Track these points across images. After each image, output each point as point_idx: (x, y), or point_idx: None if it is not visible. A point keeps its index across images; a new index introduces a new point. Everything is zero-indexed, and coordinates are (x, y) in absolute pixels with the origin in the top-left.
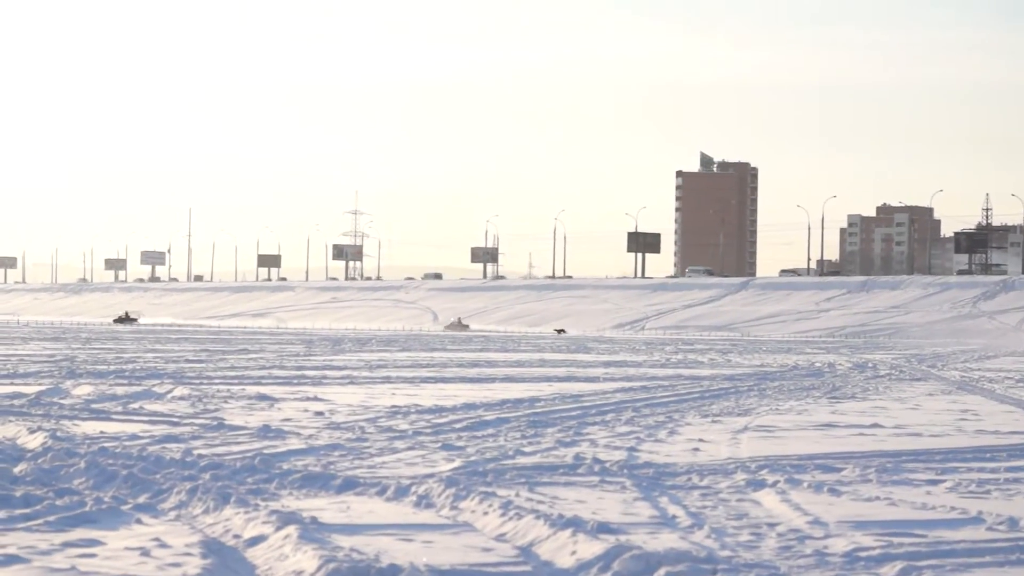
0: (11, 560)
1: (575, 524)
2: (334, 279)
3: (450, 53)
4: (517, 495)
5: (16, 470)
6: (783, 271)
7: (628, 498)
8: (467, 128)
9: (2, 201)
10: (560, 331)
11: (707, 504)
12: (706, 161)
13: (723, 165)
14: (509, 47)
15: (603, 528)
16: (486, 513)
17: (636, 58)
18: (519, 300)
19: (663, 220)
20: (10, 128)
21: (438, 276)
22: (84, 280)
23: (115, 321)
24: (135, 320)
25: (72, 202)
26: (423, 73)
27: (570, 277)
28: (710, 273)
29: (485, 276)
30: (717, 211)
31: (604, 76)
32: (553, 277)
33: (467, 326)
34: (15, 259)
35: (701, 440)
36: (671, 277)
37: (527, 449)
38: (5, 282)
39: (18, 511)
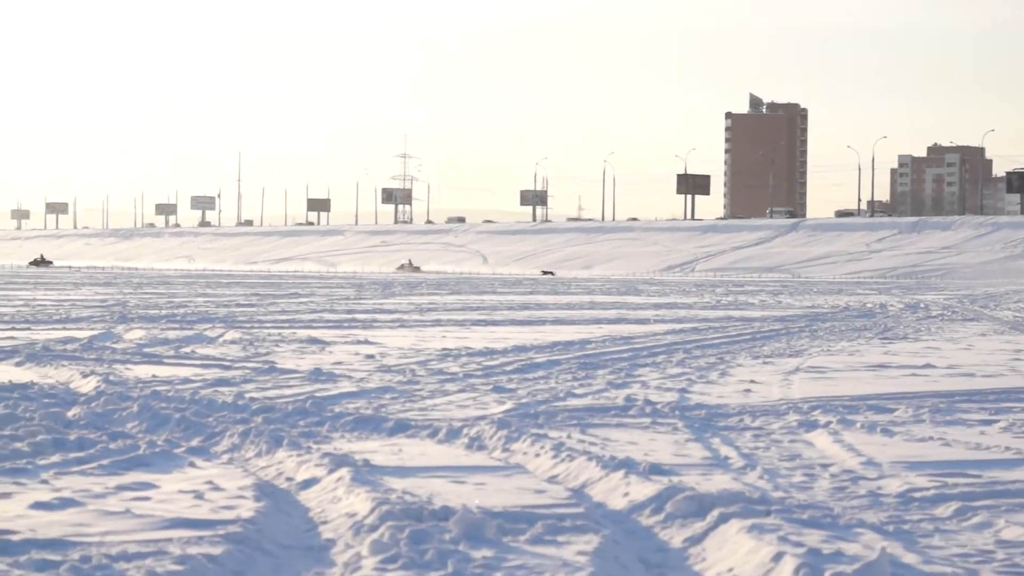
0: (66, 503)
1: (627, 466)
2: (385, 224)
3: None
4: (569, 437)
5: (70, 414)
6: (839, 212)
7: (680, 439)
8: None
9: (55, 148)
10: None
11: (759, 445)
12: (755, 102)
13: (772, 106)
14: None
15: (655, 469)
16: (538, 455)
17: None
18: (568, 243)
19: (712, 162)
20: (63, 76)
21: (461, 220)
22: (152, 225)
23: (30, 264)
24: (50, 263)
25: (123, 148)
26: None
27: (636, 219)
28: (791, 214)
29: (534, 219)
30: (766, 152)
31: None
32: (602, 220)
33: (418, 268)
34: (67, 205)
35: (753, 381)
36: (721, 219)
37: (578, 391)
38: (57, 227)
39: (72, 455)
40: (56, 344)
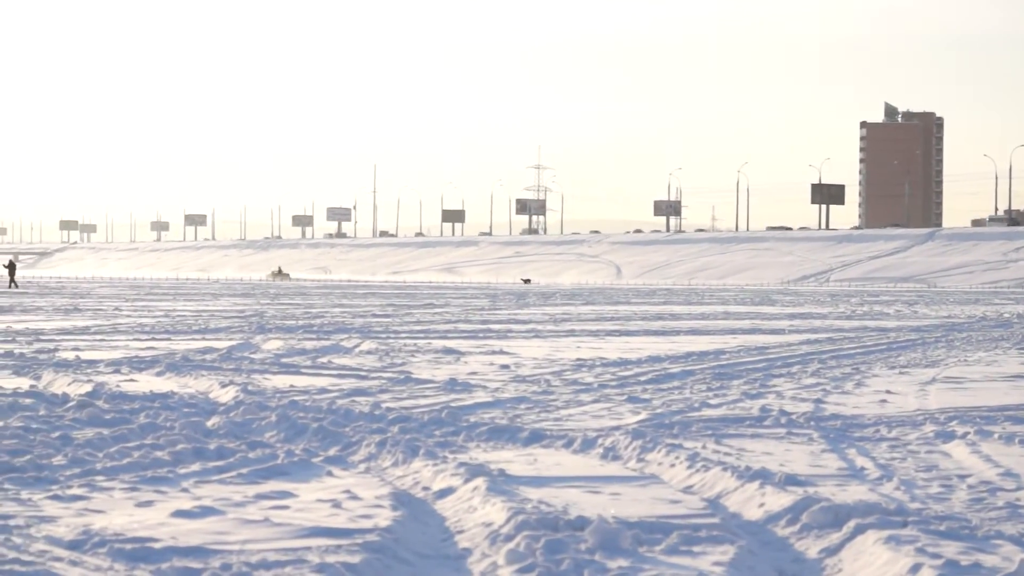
0: (206, 512)
1: (763, 476)
2: (518, 233)
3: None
4: (704, 447)
5: (209, 423)
6: (975, 221)
7: (816, 450)
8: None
9: (193, 159)
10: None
11: (896, 456)
12: (890, 111)
13: (907, 115)
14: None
15: (791, 480)
16: (673, 465)
17: (820, 10)
18: (702, 253)
19: (847, 171)
20: (203, 92)
21: (595, 232)
22: (277, 237)
23: (272, 276)
24: (287, 276)
25: (260, 160)
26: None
27: (771, 229)
28: (1014, 222)
29: (668, 229)
30: (902, 162)
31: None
32: (736, 230)
33: (287, 275)
34: (205, 216)
35: (888, 392)
36: (856, 228)
37: (713, 401)
38: (196, 239)
39: (212, 463)
40: (195, 354)
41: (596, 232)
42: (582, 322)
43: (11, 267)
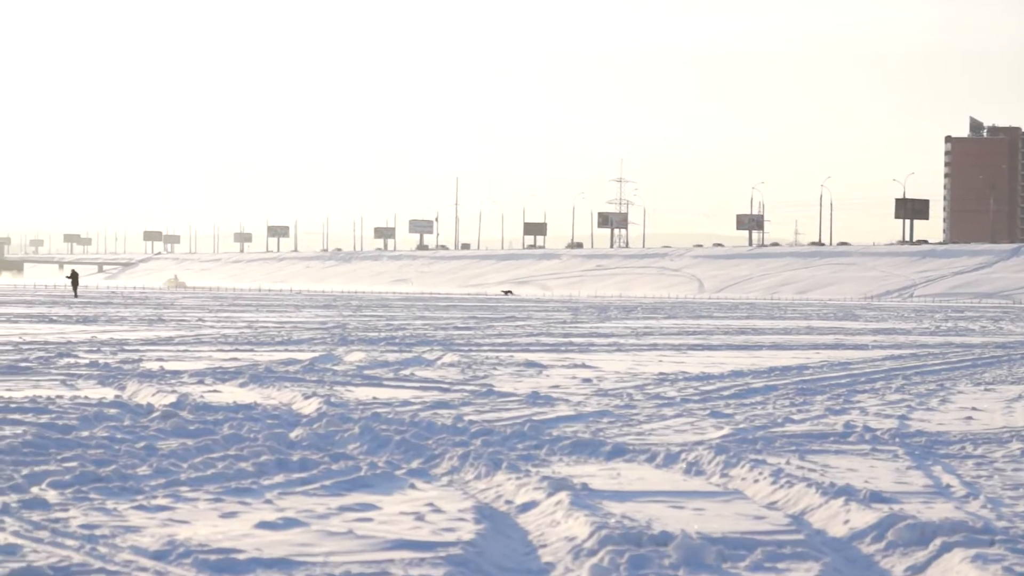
0: (290, 523)
1: (847, 492)
2: (580, 245)
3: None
4: (787, 463)
5: (292, 435)
6: None
7: (900, 467)
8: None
9: (277, 171)
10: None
11: (982, 473)
12: (975, 126)
13: (993, 130)
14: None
15: (876, 497)
16: (756, 481)
17: (904, 24)
18: (785, 267)
19: (931, 186)
20: (285, 103)
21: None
22: (339, 249)
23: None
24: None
25: (343, 172)
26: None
27: (847, 243)
28: None
29: (751, 243)
30: (987, 177)
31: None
32: (819, 244)
33: (183, 283)
34: (287, 228)
35: (974, 408)
36: (940, 243)
37: (796, 417)
38: (278, 250)
39: (295, 475)
40: (278, 366)
41: (667, 247)
42: (664, 336)
43: (74, 278)
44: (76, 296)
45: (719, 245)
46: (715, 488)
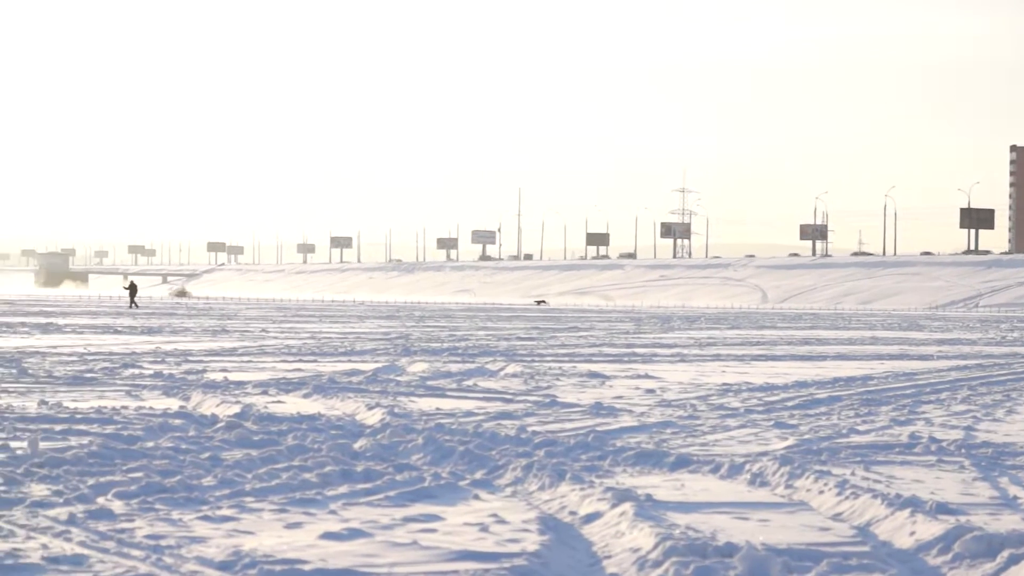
0: (355, 534)
1: (913, 504)
2: (649, 257)
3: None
4: (853, 474)
5: (356, 445)
6: None
7: (967, 478)
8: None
9: (340, 182)
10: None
11: None
12: None
13: None
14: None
15: (942, 508)
16: (821, 492)
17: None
18: (848, 277)
19: (996, 195)
20: (348, 115)
21: (751, 256)
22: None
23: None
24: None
25: (406, 183)
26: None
27: (926, 253)
28: None
29: (814, 253)
30: None
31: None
32: (884, 254)
33: (189, 293)
34: (350, 239)
35: None
36: (1005, 253)
37: (861, 427)
38: (341, 261)
39: (360, 486)
40: (342, 376)
41: (751, 256)
42: (728, 346)
43: (132, 289)
44: (134, 307)
45: (795, 255)
46: (780, 499)
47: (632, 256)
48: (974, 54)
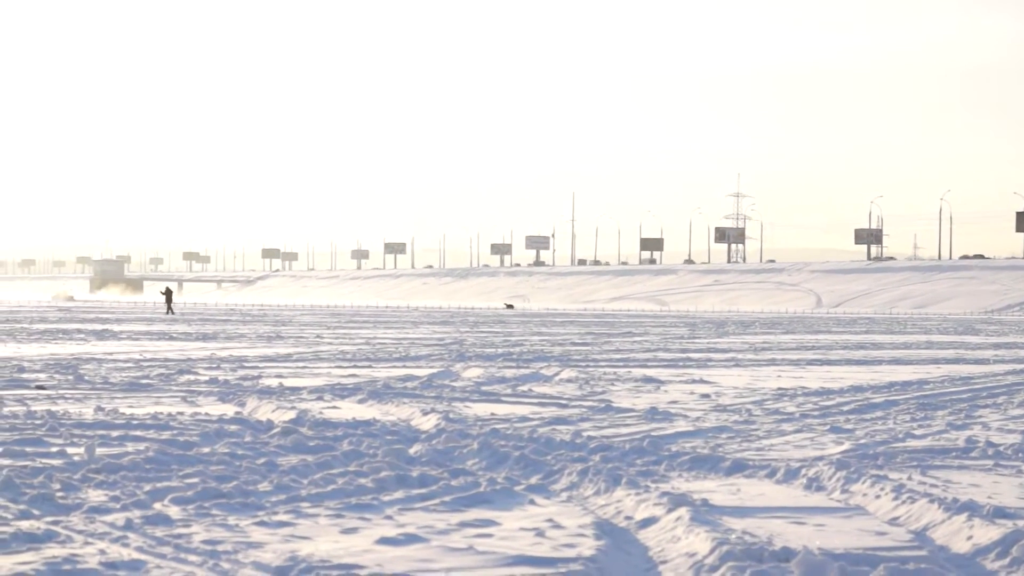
0: (411, 539)
1: (970, 508)
2: (709, 262)
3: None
4: (909, 478)
5: (412, 451)
6: None
7: None
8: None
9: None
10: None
11: None
12: None
13: None
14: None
15: (999, 513)
16: (878, 496)
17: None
18: (904, 282)
19: None
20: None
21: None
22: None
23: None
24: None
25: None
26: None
27: (980, 256)
28: None
29: (869, 257)
30: None
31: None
32: (939, 258)
33: (72, 296)
34: (404, 244)
35: None
36: None
37: (917, 432)
38: (396, 267)
39: (415, 491)
40: (396, 382)
41: (771, 262)
42: (783, 351)
43: (168, 295)
44: (171, 313)
45: (877, 258)
46: (836, 504)
47: (688, 261)
48: None
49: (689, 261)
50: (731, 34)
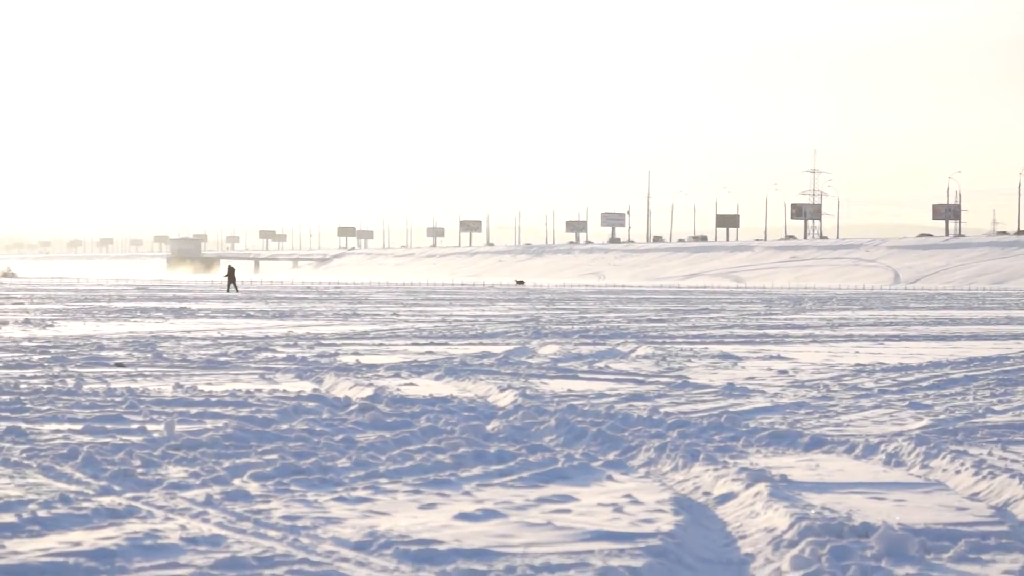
0: (489, 515)
1: None
2: (793, 238)
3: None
4: (990, 454)
5: (489, 427)
6: None
7: None
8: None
9: (469, 166)
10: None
11: None
12: None
13: None
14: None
15: None
16: (958, 472)
17: None
18: (983, 257)
19: None
20: (476, 99)
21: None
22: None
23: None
24: None
25: (535, 166)
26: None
27: None
28: None
29: (947, 233)
30: None
31: None
32: (1018, 233)
33: (14, 274)
34: (479, 222)
35: None
36: None
37: (997, 407)
38: (471, 245)
39: (493, 467)
40: (473, 359)
41: (847, 238)
42: (860, 327)
43: (230, 273)
44: (233, 291)
45: (927, 235)
46: (916, 479)
47: (762, 238)
48: None
49: (762, 238)
50: (808, 9)
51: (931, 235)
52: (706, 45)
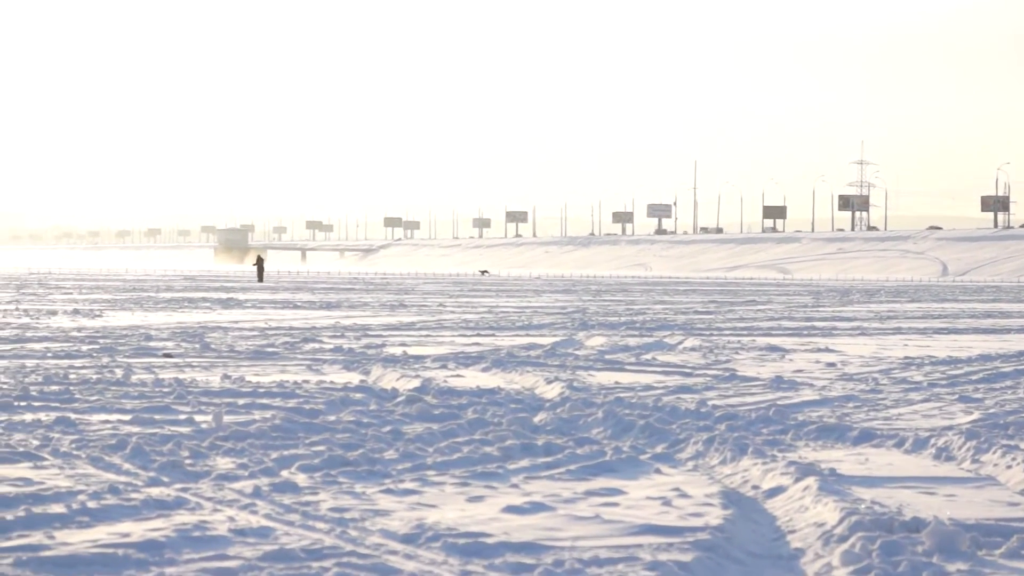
0: (537, 507)
1: None
2: (841, 230)
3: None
4: None
5: (536, 419)
6: None
7: None
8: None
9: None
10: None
11: None
12: None
13: None
14: None
15: None
16: (1009, 467)
17: None
18: None
19: None
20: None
21: (937, 227)
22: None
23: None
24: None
25: (581, 157)
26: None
27: None
28: None
29: (996, 225)
30: None
31: None
32: None
33: None
34: (526, 213)
35: None
36: None
37: None
38: (518, 235)
39: (540, 459)
40: (520, 350)
41: (937, 228)
42: (909, 320)
43: (259, 263)
44: (261, 281)
45: (1006, 226)
46: (966, 474)
47: (809, 230)
48: None
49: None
50: None
51: (980, 227)
52: (753, 35)
